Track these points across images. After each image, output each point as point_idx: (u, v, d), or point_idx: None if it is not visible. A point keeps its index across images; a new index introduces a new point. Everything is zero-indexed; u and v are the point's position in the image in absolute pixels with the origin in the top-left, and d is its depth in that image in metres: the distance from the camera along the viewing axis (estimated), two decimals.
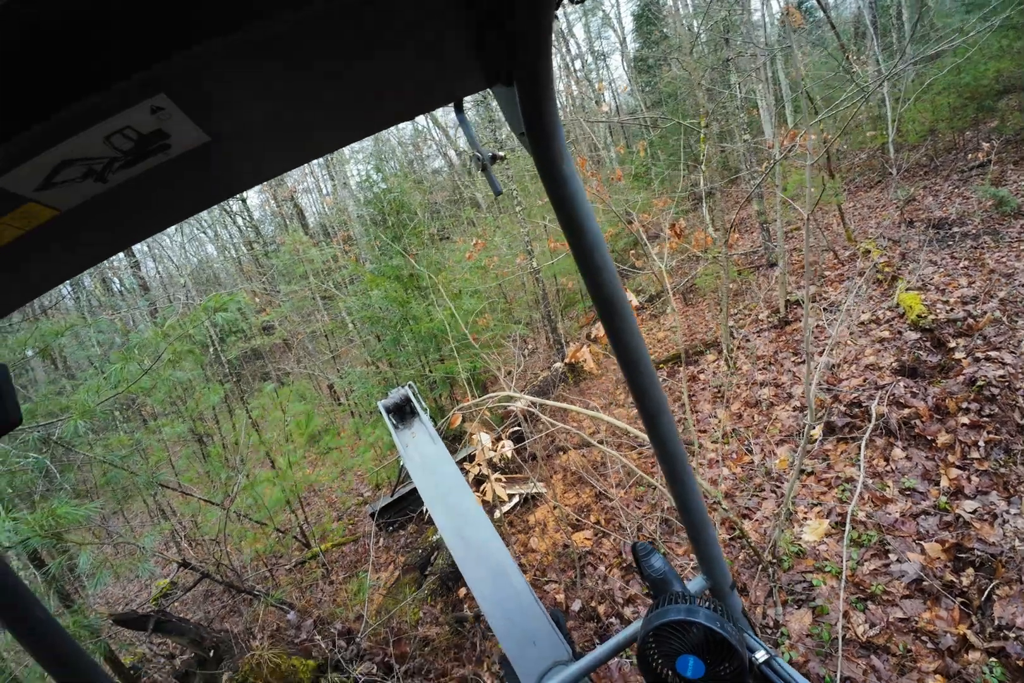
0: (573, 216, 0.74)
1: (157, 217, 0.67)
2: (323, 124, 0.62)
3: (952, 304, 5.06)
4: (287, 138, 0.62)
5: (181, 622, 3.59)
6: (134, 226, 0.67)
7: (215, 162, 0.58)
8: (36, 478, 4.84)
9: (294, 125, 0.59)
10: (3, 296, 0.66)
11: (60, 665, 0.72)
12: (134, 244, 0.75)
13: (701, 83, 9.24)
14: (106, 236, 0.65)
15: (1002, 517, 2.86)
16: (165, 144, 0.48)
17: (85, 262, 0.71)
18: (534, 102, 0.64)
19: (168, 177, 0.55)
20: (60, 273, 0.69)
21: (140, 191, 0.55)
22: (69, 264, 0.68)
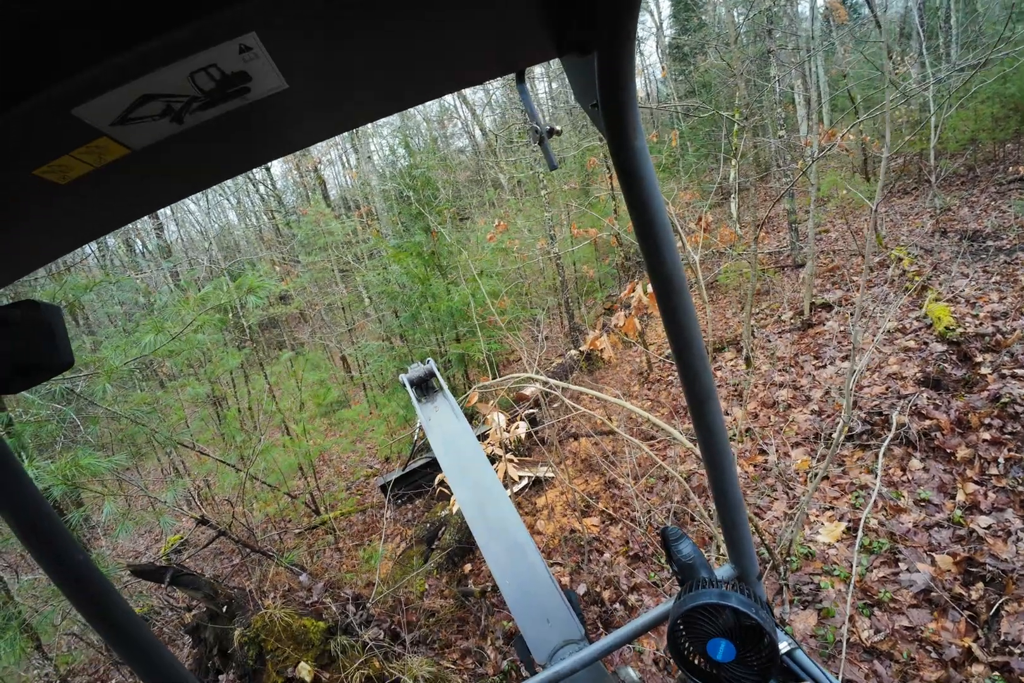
0: (641, 191, 0.72)
1: (221, 166, 0.67)
2: (388, 84, 0.60)
3: (982, 318, 4.99)
4: (354, 95, 0.61)
5: (196, 577, 3.70)
6: (199, 173, 0.66)
7: (287, 113, 0.57)
8: (59, 429, 4.96)
9: (363, 83, 0.58)
10: (62, 235, 0.66)
11: (95, 607, 0.73)
12: (196, 192, 0.74)
13: (742, 74, 9.01)
14: (171, 181, 0.65)
15: (1016, 535, 2.86)
16: (246, 87, 0.47)
17: (147, 207, 0.71)
18: (614, 71, 0.61)
19: (241, 124, 0.54)
20: (120, 216, 0.69)
21: (211, 137, 0.54)
22: (131, 208, 0.68)
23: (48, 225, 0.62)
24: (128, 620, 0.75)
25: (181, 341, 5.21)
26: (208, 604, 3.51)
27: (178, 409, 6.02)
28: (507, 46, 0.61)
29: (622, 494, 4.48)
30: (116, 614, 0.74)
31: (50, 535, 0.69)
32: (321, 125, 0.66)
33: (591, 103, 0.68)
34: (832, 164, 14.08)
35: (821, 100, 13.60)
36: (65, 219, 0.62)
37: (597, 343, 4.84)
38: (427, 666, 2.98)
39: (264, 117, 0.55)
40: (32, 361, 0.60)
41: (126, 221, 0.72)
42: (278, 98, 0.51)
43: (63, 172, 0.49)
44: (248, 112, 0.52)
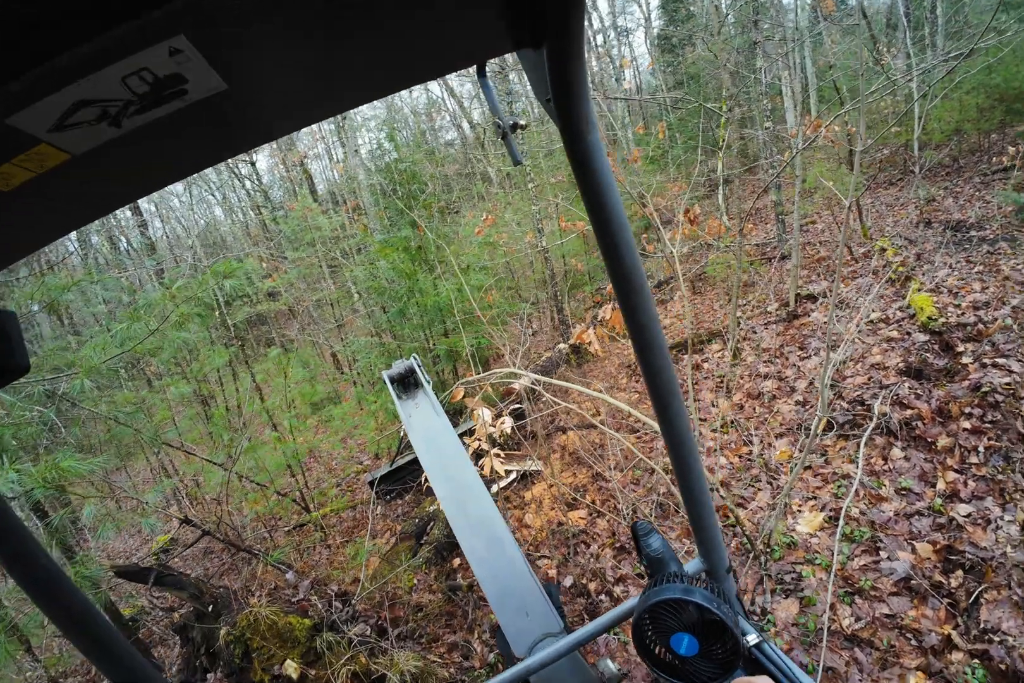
0: (596, 188, 0.72)
1: (169, 168, 0.66)
2: (340, 81, 0.60)
3: (964, 308, 5.04)
4: (304, 93, 0.60)
5: (181, 576, 3.69)
6: (146, 176, 0.65)
7: (231, 113, 0.56)
8: (41, 431, 4.90)
9: (311, 80, 0.57)
10: (13, 241, 0.65)
11: (63, 612, 0.73)
12: (145, 195, 0.74)
13: (727, 65, 8.99)
14: (117, 185, 0.64)
15: (996, 523, 2.90)
16: (182, 89, 0.47)
17: (96, 211, 0.70)
18: (564, 65, 0.60)
19: (182, 126, 0.54)
20: (70, 221, 0.69)
21: (153, 139, 0.54)
22: (80, 212, 0.67)
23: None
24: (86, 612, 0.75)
25: (162, 337, 5.15)
26: (194, 604, 3.50)
27: (164, 408, 5.97)
28: (463, 39, 0.60)
29: (609, 487, 4.51)
30: (84, 615, 0.74)
31: (13, 541, 0.69)
32: (269, 125, 0.66)
33: (546, 98, 0.68)
34: (819, 155, 14.13)
35: (808, 91, 13.63)
36: (13, 226, 0.61)
37: (584, 336, 4.85)
38: (413, 661, 2.99)
39: (207, 118, 0.55)
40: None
41: (76, 226, 0.72)
42: (219, 98, 0.51)
43: (6, 179, 0.49)
44: (190, 113, 0.51)
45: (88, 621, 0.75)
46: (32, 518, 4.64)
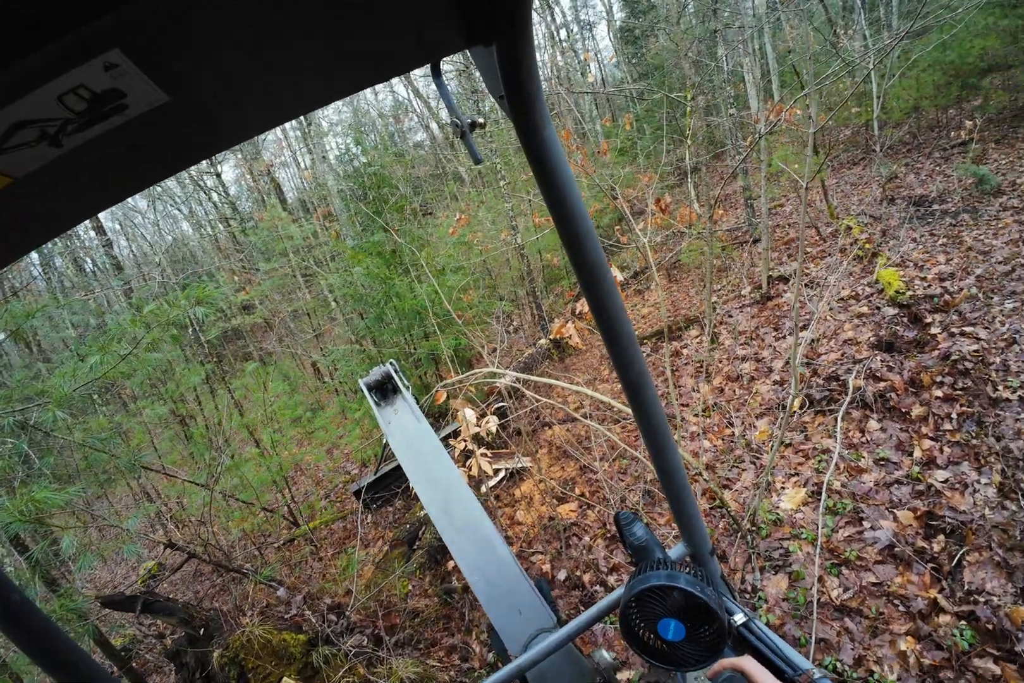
0: (554, 183, 0.72)
1: (121, 184, 0.65)
2: (289, 86, 0.58)
3: (930, 280, 5.15)
4: (249, 102, 0.58)
5: (169, 602, 3.61)
6: (95, 194, 0.64)
7: (176, 125, 0.55)
8: (14, 464, 4.76)
9: (258, 87, 0.56)
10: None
11: (39, 648, 0.72)
12: (98, 213, 0.73)
13: (688, 55, 9.06)
14: (66, 204, 0.62)
15: (972, 487, 2.98)
16: (121, 104, 0.46)
17: (47, 232, 0.68)
18: (514, 62, 0.61)
19: (126, 141, 0.52)
20: (22, 244, 0.66)
21: (97, 157, 0.53)
22: (30, 234, 0.65)
23: None
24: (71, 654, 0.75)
25: (133, 361, 5.04)
26: (184, 628, 3.43)
27: (140, 432, 5.84)
28: (413, 38, 0.59)
29: (597, 478, 4.52)
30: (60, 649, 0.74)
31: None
32: (217, 135, 0.64)
33: (499, 95, 0.68)
34: (783, 139, 14.35)
35: (770, 76, 13.81)
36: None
37: (564, 331, 4.85)
38: (412, 667, 2.97)
39: (153, 131, 0.53)
40: None
41: (29, 248, 0.70)
42: (163, 111, 0.49)
43: None
44: (134, 128, 0.50)
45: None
46: (13, 553, 4.50)
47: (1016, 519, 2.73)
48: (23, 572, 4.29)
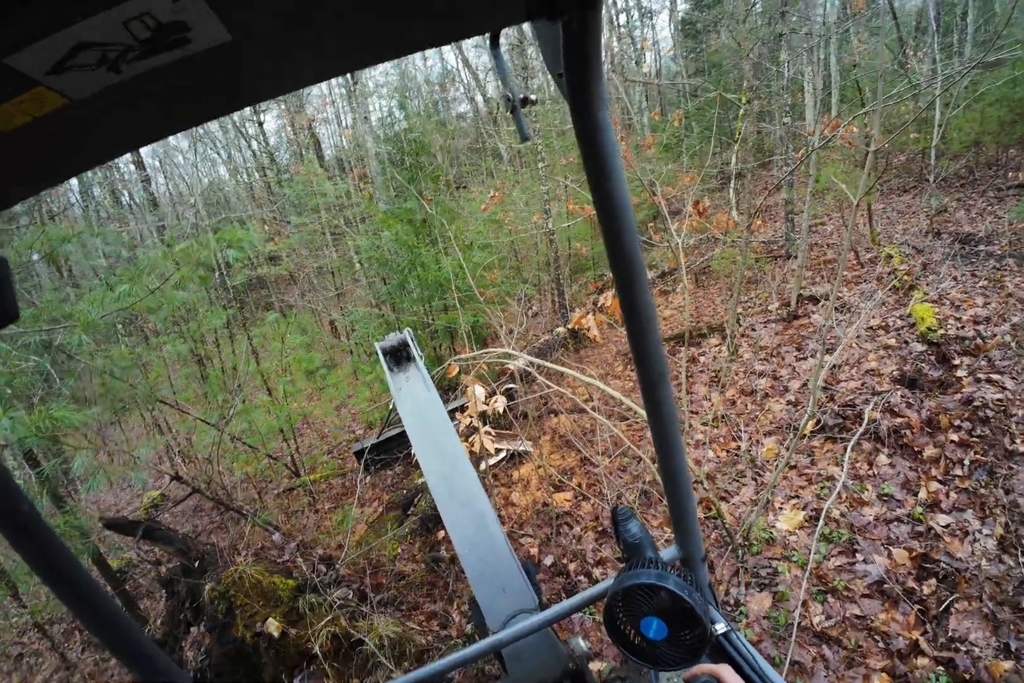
0: (602, 168, 0.71)
1: (169, 118, 0.65)
2: (345, 41, 0.58)
3: (964, 322, 5.06)
4: (308, 51, 0.58)
5: (169, 531, 3.75)
6: (144, 125, 0.64)
7: (234, 66, 0.55)
8: (36, 381, 4.90)
9: (316, 38, 0.55)
10: (8, 185, 0.64)
11: (41, 558, 0.74)
12: (143, 145, 0.72)
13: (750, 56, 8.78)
14: (115, 133, 0.63)
15: (974, 536, 2.97)
16: (184, 38, 0.45)
17: (93, 158, 0.69)
18: (580, 37, 0.59)
19: (184, 76, 0.52)
20: (67, 167, 0.67)
21: (153, 88, 0.53)
22: (77, 158, 0.66)
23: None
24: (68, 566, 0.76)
25: (160, 296, 5.12)
26: (181, 559, 3.56)
27: (159, 366, 5.96)
28: (477, 6, 0.58)
29: (596, 472, 4.58)
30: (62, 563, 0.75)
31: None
32: (272, 81, 0.64)
33: (558, 72, 0.67)
34: (834, 156, 13.95)
35: (830, 89, 13.36)
36: (9, 169, 0.60)
37: (583, 321, 4.84)
38: (392, 626, 3.08)
39: (210, 69, 0.53)
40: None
41: (73, 173, 0.70)
42: (223, 50, 0.49)
43: (4, 121, 0.48)
44: (192, 64, 0.50)
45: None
46: (24, 466, 4.67)
47: (1011, 574, 2.73)
48: (32, 486, 4.46)
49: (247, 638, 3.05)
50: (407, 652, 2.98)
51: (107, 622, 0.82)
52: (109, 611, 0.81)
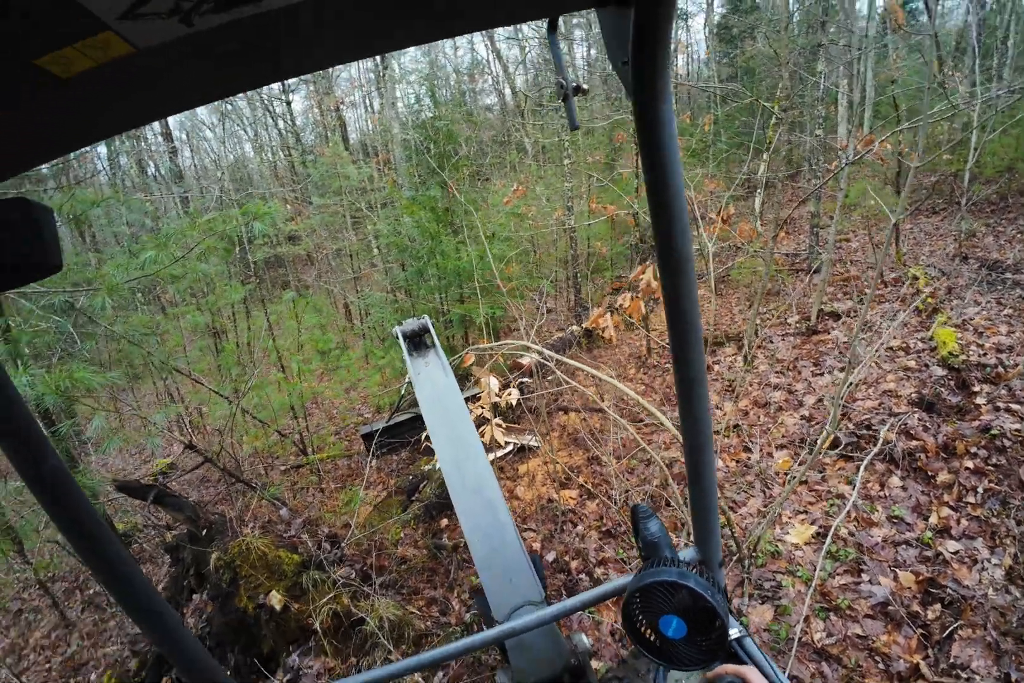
0: (660, 162, 0.69)
1: (230, 78, 0.64)
2: (410, 11, 0.57)
3: (986, 349, 5.00)
4: (376, 19, 0.57)
5: (180, 498, 3.80)
6: (203, 84, 0.63)
7: (303, 28, 0.54)
8: (56, 341, 4.95)
9: (384, 6, 0.54)
10: (59, 132, 0.63)
11: (67, 516, 0.74)
12: (198, 106, 0.71)
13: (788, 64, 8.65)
14: (176, 88, 0.62)
15: (982, 564, 2.95)
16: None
17: (148, 114, 0.68)
18: (651, 24, 0.57)
19: (252, 35, 0.51)
20: (120, 121, 0.67)
21: (220, 45, 0.51)
22: (132, 112, 0.65)
23: (48, 120, 0.59)
24: (94, 524, 0.76)
25: (184, 266, 5.15)
26: (189, 526, 3.61)
27: (177, 336, 6.02)
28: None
29: (603, 471, 4.58)
30: (84, 519, 0.75)
31: (26, 439, 0.69)
32: (338, 47, 0.63)
33: (622, 60, 0.65)
34: (865, 172, 13.77)
35: (865, 103, 13.16)
36: (66, 116, 0.59)
37: (600, 321, 4.82)
38: (393, 609, 3.11)
39: (279, 30, 0.52)
40: (19, 260, 0.59)
41: (127, 127, 0.70)
42: (295, 10, 0.48)
43: (65, 65, 0.46)
44: (263, 22, 0.48)
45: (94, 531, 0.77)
46: (40, 424, 4.74)
47: (1017, 605, 2.71)
48: None
49: (249, 609, 3.09)
50: (406, 635, 3.00)
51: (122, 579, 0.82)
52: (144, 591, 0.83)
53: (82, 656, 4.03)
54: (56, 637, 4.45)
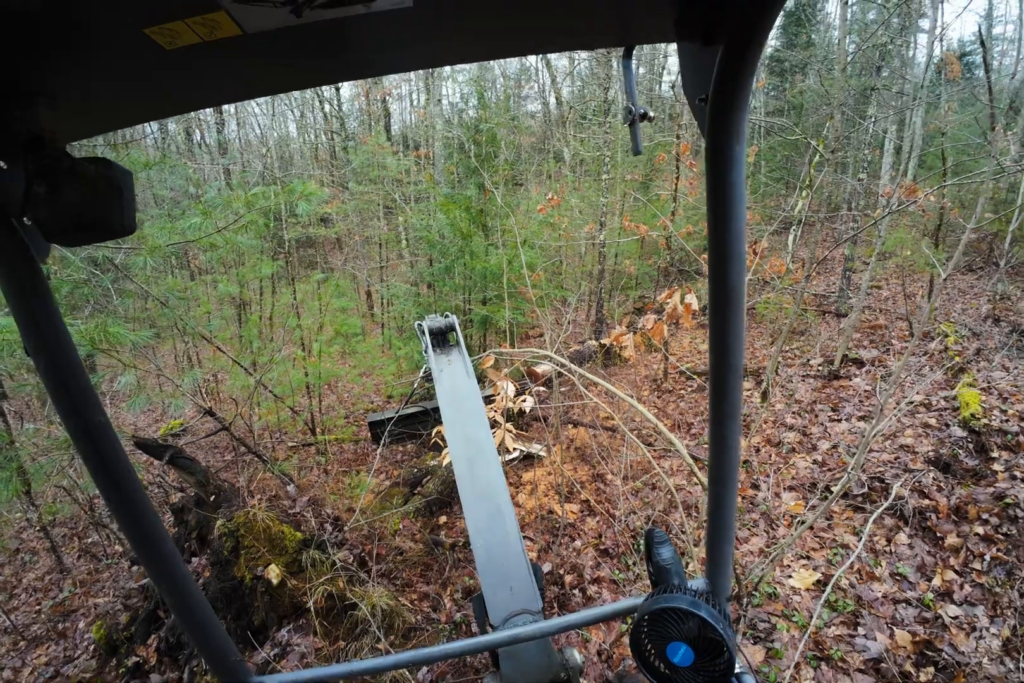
0: (726, 201, 0.69)
1: (324, 70, 0.66)
2: (502, 29, 0.59)
3: (1009, 415, 4.93)
4: (469, 32, 0.59)
5: (193, 462, 3.85)
6: (301, 72, 0.65)
7: (403, 31, 0.56)
8: (92, 294, 5.05)
9: (481, 22, 0.56)
10: (165, 99, 0.66)
11: (105, 469, 0.74)
12: (291, 90, 0.76)
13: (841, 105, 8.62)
14: (271, 73, 0.64)
15: (981, 632, 2.91)
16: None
17: (245, 92, 0.70)
18: (738, 67, 0.57)
19: (356, 32, 0.53)
20: (219, 95, 0.70)
21: (323, 38, 0.53)
22: (229, 89, 0.68)
23: (146, 86, 0.62)
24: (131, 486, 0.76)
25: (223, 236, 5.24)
26: (198, 490, 3.66)
27: (206, 303, 6.11)
28: (626, 18, 0.59)
29: (606, 490, 4.57)
30: (121, 477, 0.75)
31: (77, 391, 0.70)
32: (430, 53, 0.66)
33: (700, 97, 0.65)
34: (905, 221, 13.68)
35: (912, 152, 13.07)
36: (163, 84, 0.62)
37: (622, 339, 4.81)
38: (387, 598, 3.13)
39: (378, 31, 0.54)
40: (97, 219, 0.60)
41: (216, 103, 0.74)
42: (397, 14, 0.50)
43: (172, 37, 0.49)
44: (368, 22, 0.51)
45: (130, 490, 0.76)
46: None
47: (1010, 678, 2.67)
48: None
49: (246, 579, 3.12)
50: (396, 626, 3.02)
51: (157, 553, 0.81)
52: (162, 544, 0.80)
53: (73, 603, 4.09)
54: (49, 581, 4.51)
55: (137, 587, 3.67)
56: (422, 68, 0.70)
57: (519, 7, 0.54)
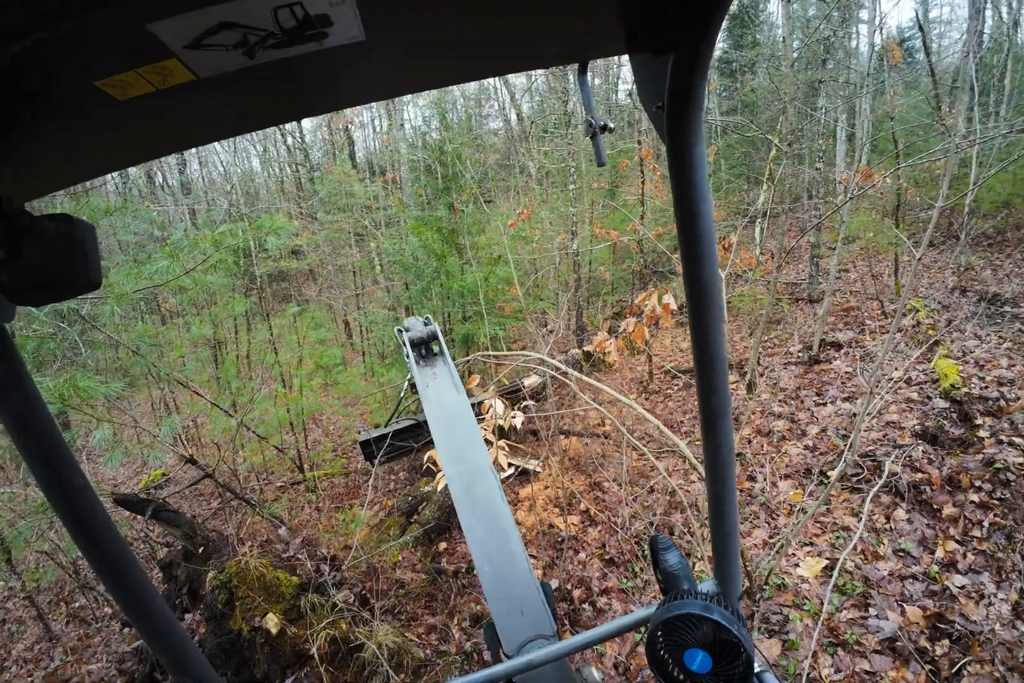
0: (691, 202, 0.71)
1: (280, 108, 0.66)
2: (456, 56, 0.60)
3: (988, 382, 5.03)
4: (424, 61, 0.60)
5: (177, 514, 3.72)
6: (257, 112, 0.65)
7: (356, 66, 0.56)
8: (60, 348, 4.92)
9: (434, 50, 0.57)
10: (107, 152, 0.65)
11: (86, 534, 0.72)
12: (251, 131, 0.74)
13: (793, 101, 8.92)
14: (227, 116, 0.64)
15: (989, 599, 2.92)
16: (323, 32, 0.46)
17: (202, 137, 0.70)
18: (690, 74, 0.59)
19: (308, 69, 0.54)
20: (176, 142, 0.68)
21: (276, 78, 0.54)
22: (186, 135, 0.67)
23: (100, 139, 0.61)
24: (114, 545, 0.73)
25: (192, 277, 5.16)
26: (185, 543, 3.53)
27: (179, 347, 5.99)
28: (577, 35, 0.60)
29: (605, 498, 4.53)
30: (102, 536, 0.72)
31: (51, 451, 0.68)
32: (388, 84, 0.66)
33: (656, 105, 0.66)
34: (864, 205, 14.08)
35: (864, 138, 13.53)
36: (120, 136, 0.61)
37: (605, 344, 4.83)
38: (392, 636, 3.03)
39: (333, 66, 0.55)
40: (60, 276, 0.59)
41: (176, 149, 0.72)
42: (351, 49, 0.50)
43: (124, 88, 0.48)
44: (319, 58, 0.51)
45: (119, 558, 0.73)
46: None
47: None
48: None
49: (244, 631, 3.01)
50: (404, 664, 2.92)
51: (148, 613, 0.78)
52: (152, 602, 0.78)
53: (66, 672, 3.88)
54: (39, 650, 4.29)
55: (131, 650, 3.51)
56: (381, 99, 0.70)
57: (471, 33, 0.55)
